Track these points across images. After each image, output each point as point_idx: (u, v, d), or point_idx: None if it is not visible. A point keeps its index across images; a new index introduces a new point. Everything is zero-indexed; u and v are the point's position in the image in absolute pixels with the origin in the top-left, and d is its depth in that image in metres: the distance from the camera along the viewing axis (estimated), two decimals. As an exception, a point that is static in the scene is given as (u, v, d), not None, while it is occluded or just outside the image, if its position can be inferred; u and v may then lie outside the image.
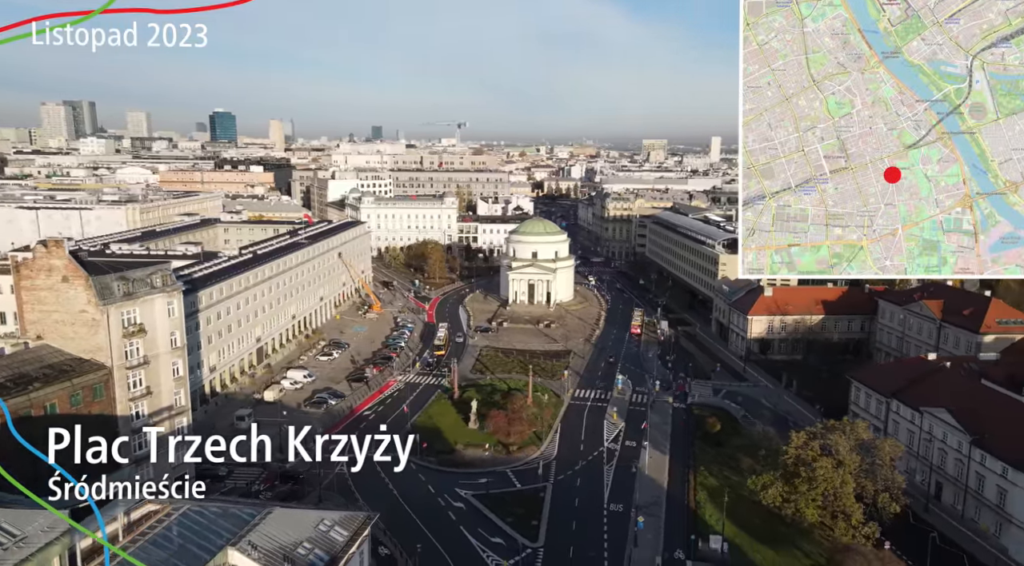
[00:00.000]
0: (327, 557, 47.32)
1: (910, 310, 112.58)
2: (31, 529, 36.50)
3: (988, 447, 70.04)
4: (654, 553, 67.72)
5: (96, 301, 64.17)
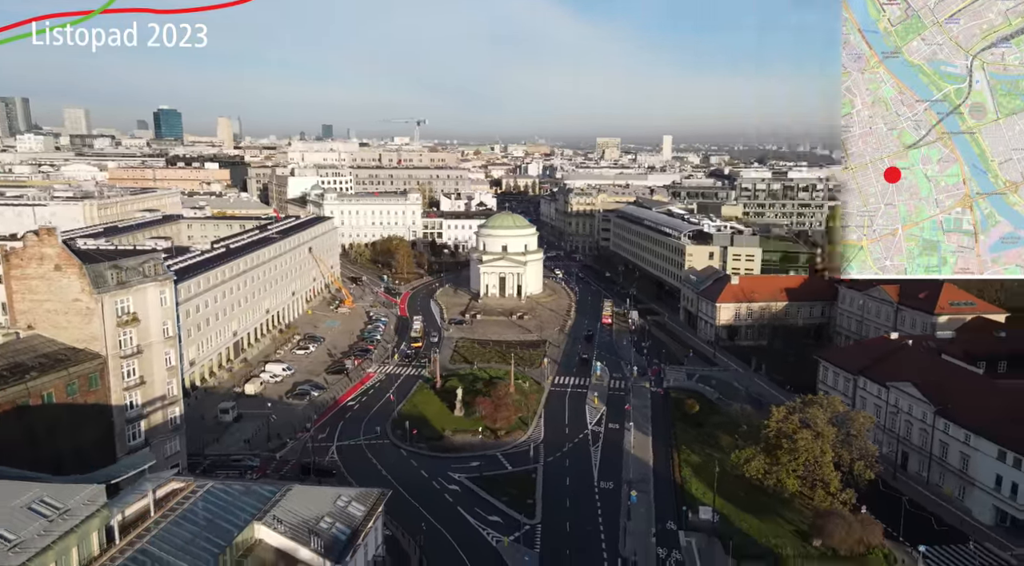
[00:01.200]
0: (348, 531, 48.29)
1: (869, 295, 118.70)
2: (73, 502, 36.50)
3: (951, 416, 75.11)
4: (648, 525, 70.47)
5: (90, 289, 63.28)
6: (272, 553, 44.71)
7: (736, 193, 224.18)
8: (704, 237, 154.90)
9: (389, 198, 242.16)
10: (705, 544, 67.04)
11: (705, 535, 68.23)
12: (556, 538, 68.04)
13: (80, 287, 63.45)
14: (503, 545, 66.27)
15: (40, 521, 35.02)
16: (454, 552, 65.14)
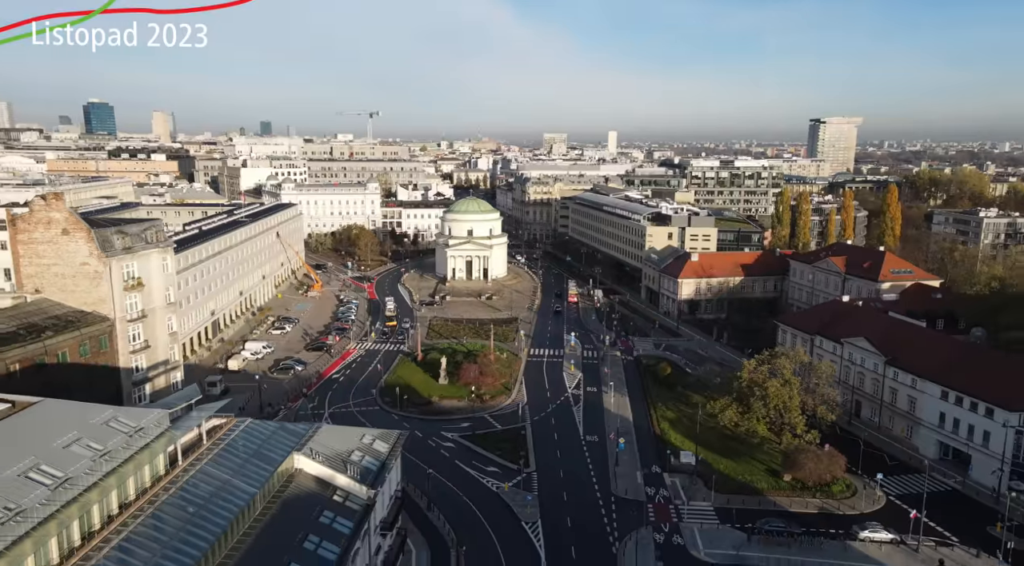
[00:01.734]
0: (377, 463, 51.79)
1: (818, 267, 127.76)
2: (144, 422, 38.92)
3: (900, 364, 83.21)
4: (634, 469, 75.95)
5: (99, 253, 64.47)
6: (312, 480, 47.87)
7: (687, 181, 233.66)
8: (663, 219, 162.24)
9: (348, 188, 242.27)
10: (688, 482, 72.91)
11: (687, 476, 74.11)
12: (551, 483, 72.77)
13: (88, 251, 64.61)
14: (503, 490, 70.59)
15: (120, 436, 37.46)
16: (458, 498, 69.02)
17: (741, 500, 69.33)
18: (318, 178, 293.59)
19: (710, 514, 67.25)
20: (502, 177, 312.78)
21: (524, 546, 61.82)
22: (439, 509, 67.06)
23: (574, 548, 61.46)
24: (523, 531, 64.02)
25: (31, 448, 34.42)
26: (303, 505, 45.30)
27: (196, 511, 38.27)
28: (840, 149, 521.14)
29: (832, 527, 64.79)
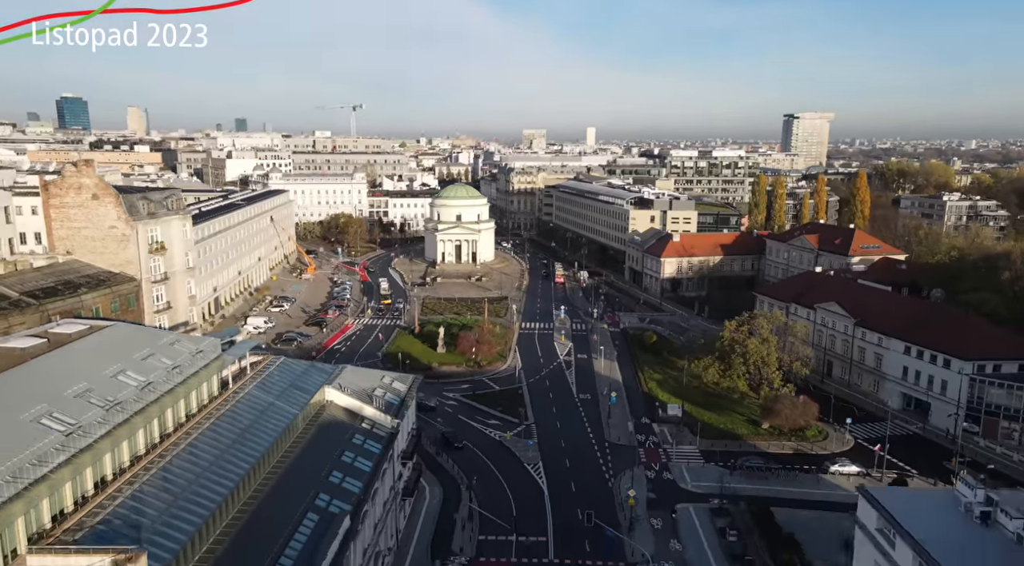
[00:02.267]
0: (398, 399, 57.02)
1: (792, 245, 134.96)
2: (203, 346, 43.72)
3: (867, 325, 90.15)
4: (625, 420, 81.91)
5: (127, 217, 68.72)
6: (342, 411, 52.93)
7: (667, 170, 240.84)
8: (645, 203, 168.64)
9: (335, 177, 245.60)
10: (675, 431, 79.01)
11: (674, 425, 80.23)
12: (549, 433, 78.44)
13: (116, 215, 68.81)
14: (506, 438, 76.09)
15: (184, 354, 42.26)
16: (467, 447, 74.18)
17: (724, 444, 75.55)
18: (302, 170, 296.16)
19: (695, 455, 73.36)
20: (485, 169, 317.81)
21: (528, 483, 67.38)
22: (448, 455, 72.36)
23: (573, 483, 67.14)
24: (526, 471, 69.59)
25: (116, 357, 39.15)
26: (337, 429, 50.41)
27: (250, 424, 43.20)
28: (813, 144, 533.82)
29: (806, 464, 71.29)
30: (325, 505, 41.24)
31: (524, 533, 58.44)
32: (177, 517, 32.89)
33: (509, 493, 65.04)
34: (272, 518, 37.97)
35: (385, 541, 51.37)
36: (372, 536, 47.11)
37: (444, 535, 58.09)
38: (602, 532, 56.44)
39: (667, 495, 65.31)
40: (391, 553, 53.10)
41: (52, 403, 32.96)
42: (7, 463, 28.00)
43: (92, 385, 35.68)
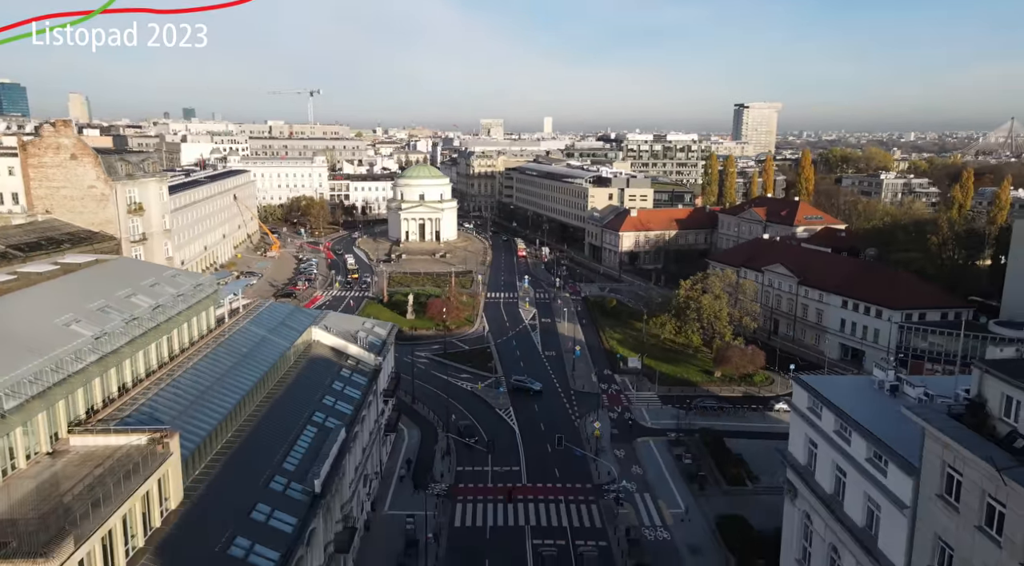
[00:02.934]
0: (379, 341, 60.90)
1: (742, 218, 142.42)
2: (202, 281, 46.88)
3: (809, 283, 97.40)
4: (589, 372, 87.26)
5: (106, 177, 70.50)
6: (328, 349, 56.59)
7: (623, 153, 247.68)
8: (604, 181, 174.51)
9: (295, 161, 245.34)
10: (635, 380, 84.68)
11: (634, 376, 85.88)
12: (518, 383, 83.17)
13: (95, 175, 70.51)
14: (477, 389, 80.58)
15: (186, 285, 45.44)
16: (438, 396, 78.35)
17: (680, 389, 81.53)
18: (259, 155, 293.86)
19: (654, 400, 79.10)
20: (445, 154, 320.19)
21: (501, 424, 72.04)
22: (423, 404, 76.46)
23: (542, 424, 72.07)
24: (498, 415, 74.24)
25: (126, 283, 42.10)
26: (325, 364, 54.13)
27: (248, 352, 46.68)
28: (762, 133, 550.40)
29: (753, 404, 77.74)
30: (322, 421, 45.08)
31: (499, 464, 63.10)
32: (197, 415, 36.44)
33: (484, 433, 69.54)
34: (276, 427, 41.69)
35: (372, 466, 55.38)
36: (361, 458, 51.08)
37: (424, 467, 62.30)
38: (571, 453, 61.49)
39: (628, 431, 70.80)
40: (377, 478, 57.12)
41: (77, 313, 36.04)
42: (49, 355, 31.19)
43: (109, 303, 38.76)
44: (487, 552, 49.80)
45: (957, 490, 25.10)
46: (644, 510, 55.80)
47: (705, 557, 49.58)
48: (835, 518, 33.23)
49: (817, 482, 35.40)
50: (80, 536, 24.21)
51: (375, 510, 54.49)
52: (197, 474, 34.15)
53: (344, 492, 44.25)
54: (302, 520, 34.83)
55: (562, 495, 57.88)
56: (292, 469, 38.48)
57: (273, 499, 35.32)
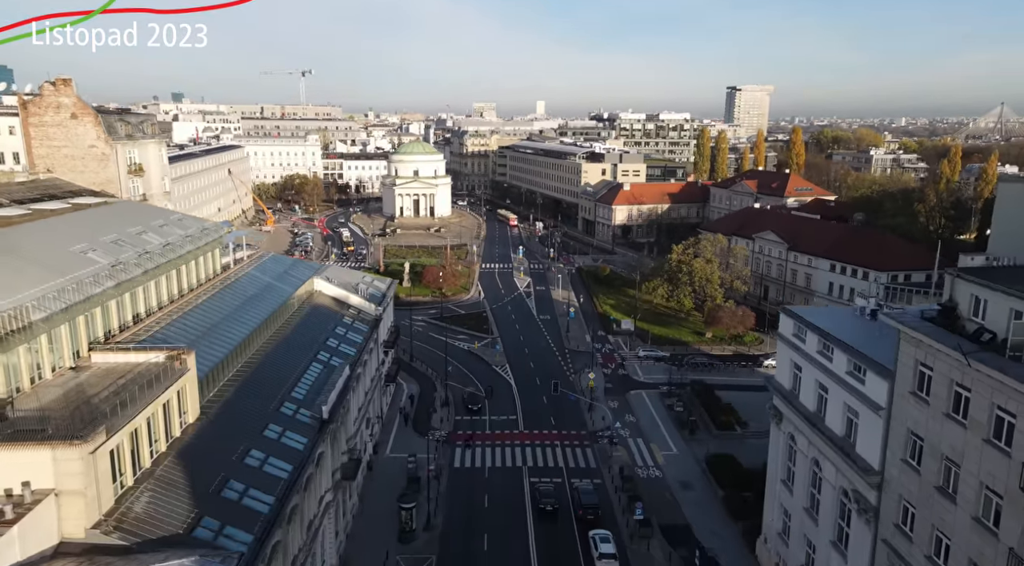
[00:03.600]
0: (379, 293, 62.44)
1: (734, 190, 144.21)
2: (208, 226, 48.24)
3: (799, 248, 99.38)
4: (583, 333, 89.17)
5: (106, 137, 71.24)
6: (329, 299, 58.09)
7: (616, 132, 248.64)
8: (597, 157, 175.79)
9: (288, 140, 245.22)
10: (628, 340, 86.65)
11: (627, 337, 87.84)
12: (514, 343, 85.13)
13: (96, 134, 71.20)
14: (474, 348, 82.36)
15: (193, 228, 46.79)
16: (436, 354, 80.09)
17: (672, 349, 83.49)
18: (252, 135, 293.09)
19: (647, 359, 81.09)
20: (438, 134, 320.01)
21: (498, 379, 73.89)
22: (421, 361, 78.19)
23: (538, 378, 73.98)
24: (495, 371, 76.10)
25: (136, 222, 43.44)
26: (327, 311, 55.64)
27: (254, 294, 48.14)
28: (754, 115, 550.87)
29: (744, 361, 79.87)
30: (326, 360, 46.68)
31: (496, 413, 64.99)
32: (210, 343, 37.97)
33: (481, 388, 71.35)
34: (284, 362, 43.27)
35: (374, 411, 57.11)
36: (364, 400, 52.79)
37: (424, 417, 64.09)
38: (567, 401, 63.54)
39: (622, 385, 72.83)
40: (379, 422, 58.88)
41: (92, 244, 37.40)
42: (69, 275, 32.60)
43: (121, 237, 40.11)
44: (486, 488, 51.74)
45: (928, 385, 27.00)
46: (637, 453, 57.85)
47: (696, 491, 51.70)
48: (817, 432, 35.18)
49: (801, 403, 37.33)
50: (111, 428, 25.77)
51: (377, 453, 56.30)
52: (211, 396, 35.70)
53: (349, 427, 45.97)
54: (311, 441, 36.50)
55: (558, 440, 59.87)
56: (301, 398, 40.10)
57: (284, 421, 36.97)
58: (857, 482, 31.54)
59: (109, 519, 25.23)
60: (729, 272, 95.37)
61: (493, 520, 47.74)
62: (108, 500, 25.66)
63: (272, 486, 31.47)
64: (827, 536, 34.97)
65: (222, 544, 26.40)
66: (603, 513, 47.77)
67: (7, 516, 22.67)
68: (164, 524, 26.25)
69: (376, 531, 45.70)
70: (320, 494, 38.52)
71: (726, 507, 49.16)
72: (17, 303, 28.38)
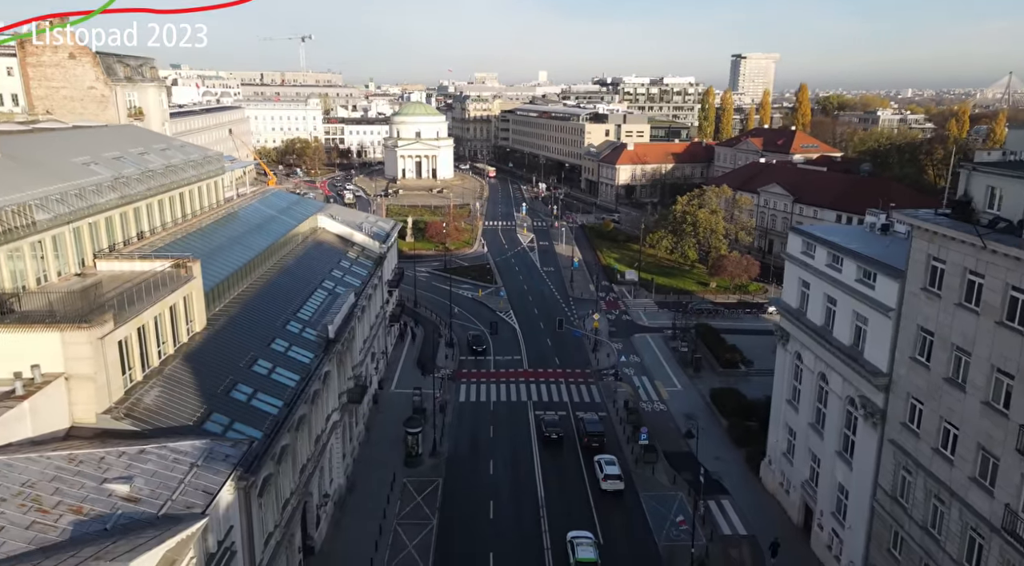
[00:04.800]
0: (383, 232, 62.13)
1: (738, 149, 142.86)
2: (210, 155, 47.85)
3: (804, 201, 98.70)
4: (587, 283, 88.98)
5: (105, 78, 70.36)
6: (333, 236, 57.83)
7: (620, 96, 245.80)
8: (600, 118, 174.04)
9: (289, 103, 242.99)
10: (632, 289, 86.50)
11: (631, 286, 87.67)
12: (518, 292, 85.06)
13: (95, 75, 70.27)
14: (478, 295, 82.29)
15: (196, 154, 46.45)
16: (442, 303, 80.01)
17: (676, 297, 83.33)
18: (252, 100, 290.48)
19: (651, 305, 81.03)
20: (440, 100, 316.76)
21: (502, 323, 73.88)
22: (426, 307, 78.19)
23: (542, 323, 74.03)
24: (499, 316, 76.07)
25: (138, 144, 43.06)
26: (331, 247, 55.42)
27: (259, 224, 47.89)
28: (760, 84, 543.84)
29: (748, 309, 79.77)
30: (331, 288, 46.57)
31: (500, 353, 65.12)
32: (215, 261, 37.82)
33: (485, 331, 71.38)
34: (290, 286, 43.17)
35: (379, 346, 57.19)
36: (369, 333, 52.81)
37: (429, 355, 64.28)
38: (571, 341, 63.63)
39: (626, 328, 72.85)
40: (384, 357, 59.01)
41: (95, 158, 37.05)
42: (73, 183, 32.32)
43: (124, 156, 39.75)
44: (492, 420, 52.03)
45: (940, 279, 26.79)
46: (642, 389, 58.03)
47: (700, 422, 51.80)
48: (825, 345, 35.11)
49: (808, 318, 37.23)
50: (118, 318, 25.70)
51: (382, 388, 56.52)
52: (218, 310, 35.66)
53: (355, 354, 46.02)
54: (318, 357, 36.51)
55: (563, 378, 60.05)
56: (307, 318, 40.08)
57: (290, 337, 36.97)
58: (864, 387, 31.53)
59: (120, 407, 25.29)
60: (734, 223, 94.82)
61: (499, 448, 48.09)
62: (118, 390, 25.71)
63: (280, 392, 31.55)
64: (832, 447, 35.11)
65: (232, 437, 26.51)
66: (608, 441, 48.03)
67: (18, 392, 22.71)
68: (175, 415, 26.34)
69: (383, 456, 46.05)
70: (327, 413, 38.69)
71: (730, 436, 49.44)
72: (20, 201, 28.15)
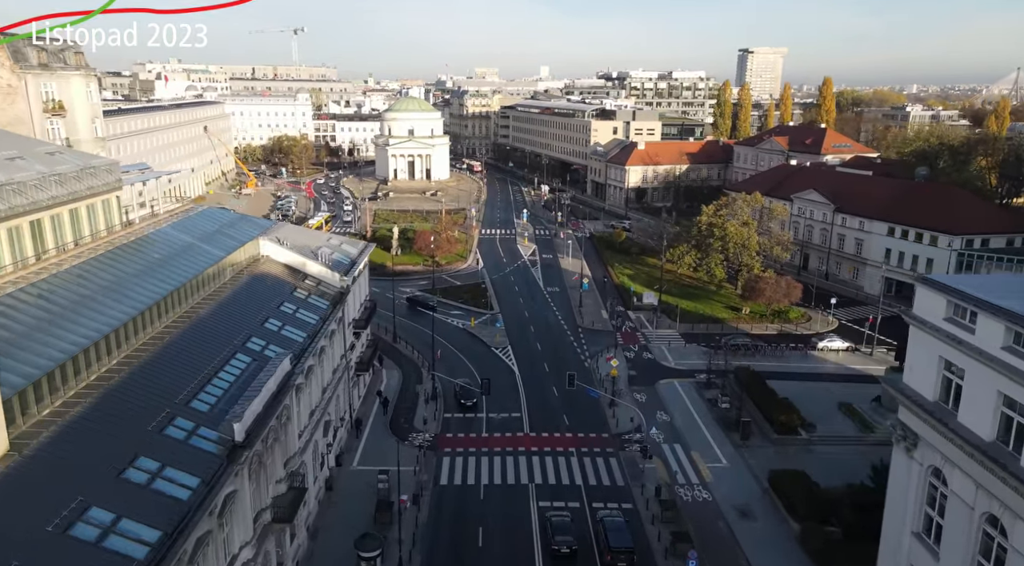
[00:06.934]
0: (347, 259, 49.21)
1: (761, 148, 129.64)
2: (97, 164, 34.76)
3: (848, 210, 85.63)
4: (599, 308, 76.04)
5: (11, 64, 57.62)
6: (281, 267, 44.90)
7: (626, 91, 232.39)
8: (608, 114, 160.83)
9: (277, 98, 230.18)
10: (652, 317, 73.53)
11: (651, 312, 74.70)
12: (518, 320, 72.08)
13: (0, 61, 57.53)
14: (470, 325, 69.32)
15: (68, 165, 33.41)
16: (424, 333, 67.09)
17: (705, 327, 70.45)
18: (239, 95, 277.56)
19: (676, 338, 68.09)
20: (437, 95, 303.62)
21: (498, 365, 61.02)
22: (406, 341, 65.29)
23: (546, 364, 61.11)
24: (495, 354, 63.21)
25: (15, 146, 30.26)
26: (275, 283, 42.51)
27: (162, 259, 34.99)
28: (767, 79, 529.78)
29: (793, 343, 66.77)
30: (260, 349, 33.72)
31: (495, 410, 52.18)
32: (57, 332, 24.95)
33: (477, 376, 58.53)
34: (191, 356, 30.28)
35: (337, 412, 44.34)
36: (320, 399, 39.96)
37: (405, 413, 51.38)
38: (584, 395, 50.72)
39: (649, 372, 59.90)
40: (344, 425, 46.17)
41: None
42: None
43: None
44: (481, 516, 39.16)
45: None
46: (676, 465, 45.12)
47: (759, 522, 38.99)
48: (999, 475, 22.21)
49: (962, 424, 24.30)
50: None
51: (340, 465, 43.66)
52: (45, 414, 22.85)
53: (291, 443, 33.25)
54: (208, 481, 23.67)
55: (574, 447, 47.16)
56: (205, 410, 27.25)
57: (167, 451, 24.12)
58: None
59: None
60: (768, 237, 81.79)
61: (489, 566, 35.23)
62: None
63: (115, 574, 18.67)
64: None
65: None
66: (638, 559, 35.17)
67: None
68: None
69: (328, 587, 33.23)
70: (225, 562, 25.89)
71: (803, 548, 36.46)
72: None
